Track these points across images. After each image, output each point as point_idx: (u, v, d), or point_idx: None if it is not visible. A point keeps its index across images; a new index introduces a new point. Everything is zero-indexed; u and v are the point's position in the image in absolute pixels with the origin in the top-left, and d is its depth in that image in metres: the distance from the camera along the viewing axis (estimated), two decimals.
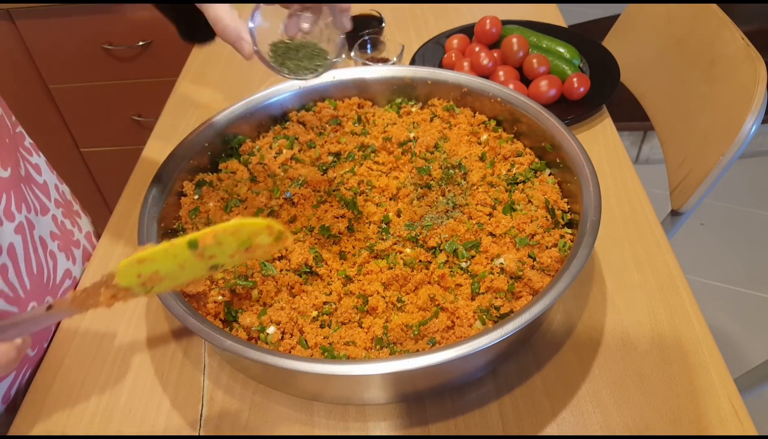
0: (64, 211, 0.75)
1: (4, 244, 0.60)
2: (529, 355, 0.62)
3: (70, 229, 0.75)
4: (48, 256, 0.67)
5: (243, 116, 0.79)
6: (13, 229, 0.61)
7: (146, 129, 0.96)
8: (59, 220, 0.72)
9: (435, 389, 0.59)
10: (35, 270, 0.64)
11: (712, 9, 0.96)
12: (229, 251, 0.44)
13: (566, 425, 0.56)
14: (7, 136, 0.64)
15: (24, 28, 1.46)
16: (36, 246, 0.66)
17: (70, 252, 0.73)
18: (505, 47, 1.01)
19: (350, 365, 0.50)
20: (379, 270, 0.63)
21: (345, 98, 0.85)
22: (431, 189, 0.72)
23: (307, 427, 0.58)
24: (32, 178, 0.69)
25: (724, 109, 0.88)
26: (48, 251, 0.68)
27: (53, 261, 0.69)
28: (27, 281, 0.62)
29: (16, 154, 0.66)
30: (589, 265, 0.71)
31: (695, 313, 0.65)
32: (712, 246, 1.85)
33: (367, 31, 1.04)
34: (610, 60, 1.02)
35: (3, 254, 0.59)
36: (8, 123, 0.66)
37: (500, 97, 0.78)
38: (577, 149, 0.67)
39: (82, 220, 0.80)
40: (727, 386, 0.58)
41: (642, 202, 0.78)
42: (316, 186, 0.72)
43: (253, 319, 0.59)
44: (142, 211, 0.65)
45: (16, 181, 0.64)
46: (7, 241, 0.60)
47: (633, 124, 1.99)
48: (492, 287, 0.60)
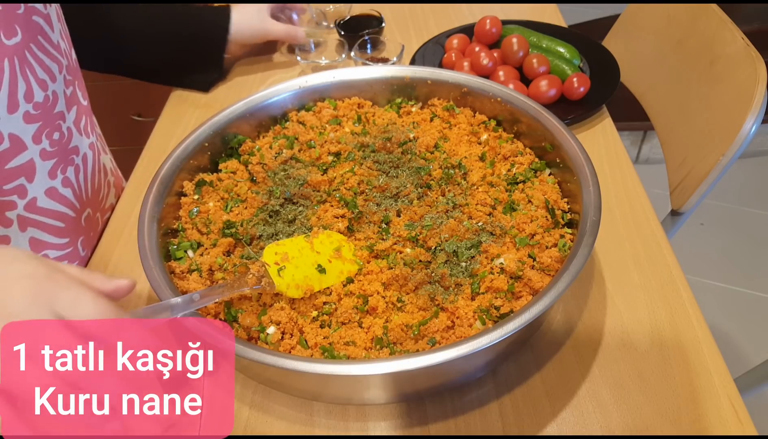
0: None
1: (81, 149, 0.75)
2: (529, 355, 0.62)
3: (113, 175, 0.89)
4: (105, 183, 0.84)
5: (243, 116, 0.79)
6: (88, 144, 0.77)
7: (146, 129, 0.96)
8: (112, 163, 0.90)
9: (435, 389, 0.59)
10: (96, 184, 0.80)
11: (712, 9, 0.96)
12: (327, 251, 0.63)
13: (566, 425, 0.56)
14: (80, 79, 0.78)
15: None
16: (100, 166, 0.82)
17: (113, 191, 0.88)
18: (505, 47, 1.01)
19: (350, 365, 0.50)
20: (379, 270, 0.63)
21: (345, 98, 0.85)
22: (431, 189, 0.72)
23: (307, 427, 0.58)
24: (96, 125, 0.86)
25: (724, 109, 0.88)
26: (106, 180, 0.84)
27: (107, 188, 0.85)
28: (89, 189, 0.78)
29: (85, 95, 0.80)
30: (589, 265, 0.71)
31: (695, 313, 0.65)
32: (712, 246, 1.85)
33: (367, 31, 1.05)
34: (610, 60, 1.02)
35: (79, 157, 0.75)
36: (76, 65, 0.77)
37: (500, 97, 0.78)
38: (577, 149, 0.67)
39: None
40: (727, 386, 0.58)
41: (642, 203, 0.78)
42: (316, 186, 0.72)
43: (253, 319, 0.59)
44: (142, 211, 0.65)
45: (89, 113, 0.81)
46: (84, 150, 0.75)
47: (633, 124, 1.99)
48: (492, 287, 0.60)
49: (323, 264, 0.62)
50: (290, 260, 0.61)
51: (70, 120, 0.72)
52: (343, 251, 0.63)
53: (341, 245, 0.64)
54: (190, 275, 0.63)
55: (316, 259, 0.62)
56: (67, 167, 0.72)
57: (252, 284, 0.58)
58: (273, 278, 0.59)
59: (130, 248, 0.76)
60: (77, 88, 0.76)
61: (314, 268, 0.61)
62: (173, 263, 0.65)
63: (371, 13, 1.11)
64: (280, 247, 0.62)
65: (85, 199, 0.76)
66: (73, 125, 0.73)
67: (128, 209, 0.82)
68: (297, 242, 0.63)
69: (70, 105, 0.72)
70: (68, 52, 0.73)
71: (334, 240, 0.65)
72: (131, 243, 0.76)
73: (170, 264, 0.64)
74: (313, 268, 0.61)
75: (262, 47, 1.12)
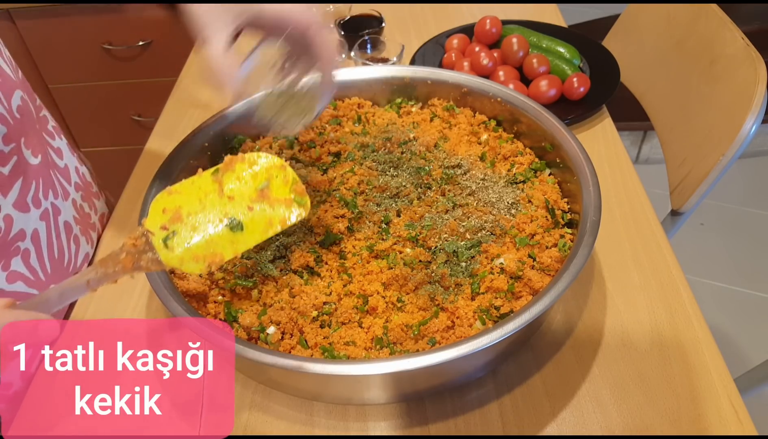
0: (83, 194, 0.76)
1: (28, 230, 0.61)
2: (529, 355, 0.62)
3: (87, 212, 0.76)
4: (72, 241, 0.69)
5: (243, 116, 0.79)
6: (38, 215, 0.63)
7: (146, 129, 0.96)
8: (78, 204, 0.74)
9: (435, 389, 0.59)
10: (56, 255, 0.65)
11: (712, 9, 0.96)
12: (246, 192, 0.42)
13: (566, 425, 0.56)
14: (35, 122, 0.66)
15: (24, 28, 1.46)
16: (59, 231, 0.67)
17: (89, 236, 0.74)
18: (505, 47, 1.01)
19: (350, 365, 0.50)
20: (379, 270, 0.63)
21: (345, 98, 0.85)
22: (431, 189, 0.72)
23: (307, 427, 0.58)
24: (55, 164, 0.70)
25: (724, 109, 0.88)
26: (72, 236, 0.69)
27: (76, 246, 0.70)
28: (48, 265, 0.64)
29: (42, 141, 0.67)
30: (589, 265, 0.71)
31: (695, 313, 0.65)
32: (712, 246, 1.85)
33: (367, 31, 1.04)
34: (610, 60, 1.02)
35: (27, 240, 0.61)
36: (32, 108, 0.67)
37: (500, 97, 0.78)
38: (577, 149, 0.67)
39: (99, 202, 0.82)
40: (727, 386, 0.58)
41: (642, 203, 0.78)
42: (316, 186, 0.72)
43: (253, 319, 0.59)
44: (142, 212, 0.65)
45: (45, 167, 0.66)
46: (32, 227, 0.62)
47: (633, 124, 1.98)
48: (492, 287, 0.60)
49: (238, 216, 0.43)
50: (184, 218, 0.42)
51: (8, 204, 0.59)
52: (273, 187, 0.42)
53: (270, 177, 0.43)
54: (190, 274, 0.63)
55: (226, 209, 0.42)
56: (10, 260, 0.60)
57: (128, 267, 0.42)
58: (158, 251, 0.42)
59: None
60: (23, 148, 0.62)
61: (224, 224, 0.42)
62: None
63: (371, 13, 1.11)
64: (172, 197, 0.43)
65: (45, 280, 0.65)
66: (13, 208, 0.60)
67: (128, 209, 0.82)
68: (199, 185, 0.43)
69: (8, 185, 0.59)
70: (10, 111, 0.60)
71: (259, 172, 0.43)
72: None
73: None
74: (222, 224, 0.42)
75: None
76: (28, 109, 0.65)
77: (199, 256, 0.42)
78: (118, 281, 0.54)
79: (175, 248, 0.41)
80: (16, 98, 0.62)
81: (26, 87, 0.67)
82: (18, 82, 0.64)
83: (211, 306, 0.61)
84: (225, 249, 0.43)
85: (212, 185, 0.43)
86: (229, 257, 0.43)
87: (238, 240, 0.43)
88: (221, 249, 0.43)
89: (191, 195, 0.43)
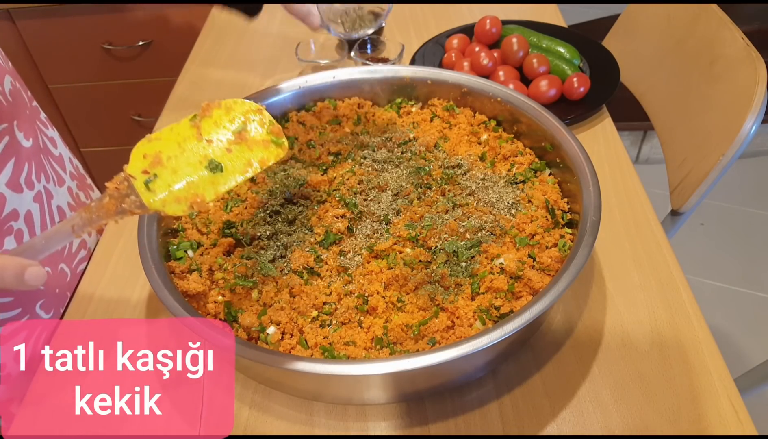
0: (79, 184, 0.77)
1: (21, 211, 0.62)
2: (529, 355, 0.62)
3: (84, 201, 0.77)
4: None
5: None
6: (32, 197, 0.64)
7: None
8: (74, 192, 0.75)
9: (435, 389, 0.59)
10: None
11: (712, 9, 0.96)
12: (224, 135, 0.46)
13: (566, 425, 0.56)
14: (27, 108, 0.67)
15: (24, 28, 1.46)
16: (53, 214, 0.68)
17: None
18: (505, 47, 1.01)
19: (350, 365, 0.50)
20: (379, 270, 0.63)
21: (345, 98, 0.85)
22: (431, 189, 0.72)
23: (307, 427, 0.58)
24: (49, 151, 0.72)
25: (724, 109, 0.88)
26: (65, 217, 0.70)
27: None
28: None
29: (34, 126, 0.68)
30: (589, 265, 0.71)
31: (695, 313, 0.65)
32: (712, 246, 1.85)
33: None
34: (610, 60, 1.02)
35: (20, 220, 0.62)
36: (25, 96, 0.69)
37: (500, 97, 0.78)
38: (577, 149, 0.67)
39: (94, 193, 0.82)
40: (727, 386, 0.58)
41: (642, 203, 0.78)
42: (316, 186, 0.72)
43: (253, 319, 0.59)
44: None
45: (37, 151, 0.67)
46: (25, 208, 0.63)
47: (633, 124, 1.99)
48: (492, 287, 0.60)
49: (218, 158, 0.45)
50: (165, 162, 0.45)
51: (1, 184, 0.61)
52: (250, 130, 0.47)
53: (246, 121, 0.47)
54: (190, 274, 0.63)
55: (206, 152, 0.45)
56: (3, 239, 0.61)
57: (111, 211, 0.44)
58: (140, 193, 0.44)
59: (130, 248, 0.76)
60: (16, 130, 0.65)
61: (204, 166, 0.45)
62: (173, 263, 0.65)
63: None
64: (152, 144, 0.45)
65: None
66: (6, 188, 0.61)
67: None
68: (177, 131, 0.46)
69: (0, 164, 0.61)
70: (3, 93, 0.62)
71: (234, 115, 0.47)
72: (131, 243, 0.76)
73: (170, 264, 0.64)
74: (202, 166, 0.45)
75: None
76: (20, 95, 0.67)
77: (180, 197, 0.45)
78: (118, 281, 0.54)
79: (157, 191, 0.44)
80: (7, 83, 0.64)
81: (17, 76, 0.69)
82: (8, 70, 0.66)
83: (211, 306, 0.61)
84: (206, 190, 0.45)
85: (191, 130, 0.46)
86: (210, 197, 0.46)
87: (219, 181, 0.46)
88: (202, 190, 0.45)
89: (171, 140, 0.46)
